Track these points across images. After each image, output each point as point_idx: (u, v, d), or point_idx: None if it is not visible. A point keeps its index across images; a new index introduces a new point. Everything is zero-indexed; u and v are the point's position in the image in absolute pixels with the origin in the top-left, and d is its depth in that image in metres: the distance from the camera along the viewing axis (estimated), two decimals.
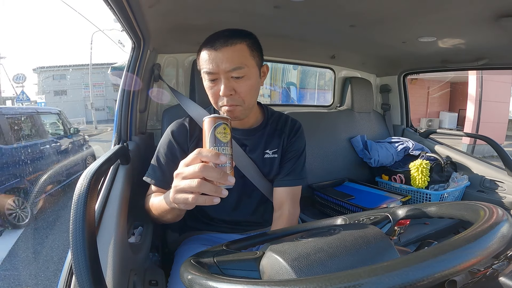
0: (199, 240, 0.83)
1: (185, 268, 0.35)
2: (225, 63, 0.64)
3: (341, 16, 0.92)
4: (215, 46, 0.64)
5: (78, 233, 0.40)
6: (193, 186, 0.43)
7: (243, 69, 0.65)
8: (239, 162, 0.77)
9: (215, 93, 0.68)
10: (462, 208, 0.39)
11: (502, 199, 1.30)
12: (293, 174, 0.80)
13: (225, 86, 0.65)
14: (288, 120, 0.84)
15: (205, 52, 0.66)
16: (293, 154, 0.82)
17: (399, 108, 1.77)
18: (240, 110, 0.69)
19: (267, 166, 0.80)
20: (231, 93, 0.66)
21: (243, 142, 0.79)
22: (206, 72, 0.66)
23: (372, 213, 0.55)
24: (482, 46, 1.11)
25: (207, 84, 0.68)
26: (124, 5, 0.66)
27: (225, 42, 0.64)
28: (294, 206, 0.79)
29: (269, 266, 0.36)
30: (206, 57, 0.65)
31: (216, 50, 0.64)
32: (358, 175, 1.56)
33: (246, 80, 0.66)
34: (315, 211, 1.33)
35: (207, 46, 0.66)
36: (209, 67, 0.65)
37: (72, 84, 21.21)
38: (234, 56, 0.64)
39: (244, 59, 0.66)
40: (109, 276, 0.47)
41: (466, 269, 0.25)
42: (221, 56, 0.64)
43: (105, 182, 0.68)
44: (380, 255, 0.36)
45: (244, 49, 0.66)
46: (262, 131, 0.80)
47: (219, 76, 0.65)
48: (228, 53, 0.64)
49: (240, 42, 0.65)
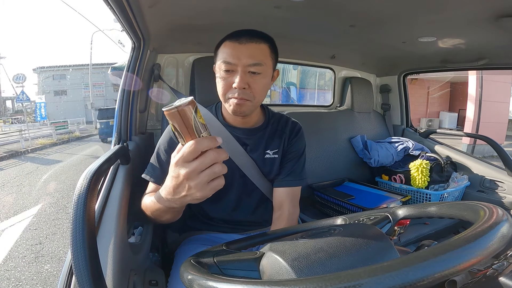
0: (199, 240, 0.83)
1: (185, 268, 0.35)
2: (247, 57, 0.66)
3: (341, 16, 0.92)
4: (240, 40, 0.67)
5: (78, 233, 0.40)
6: (217, 171, 0.42)
7: (261, 66, 0.68)
8: (240, 161, 0.78)
9: (227, 83, 0.69)
10: (462, 208, 0.39)
11: (502, 199, 1.30)
12: (293, 174, 0.81)
13: (241, 78, 0.66)
14: (288, 122, 0.85)
15: (229, 43, 0.69)
16: (293, 155, 0.82)
17: (399, 108, 1.77)
18: (248, 105, 0.70)
19: (268, 166, 0.81)
20: (245, 87, 0.67)
21: (244, 141, 0.79)
22: (224, 62, 0.68)
23: (372, 213, 0.55)
24: (482, 46, 1.11)
25: (221, 74, 0.69)
26: (124, 5, 0.66)
27: (250, 39, 0.68)
28: (294, 207, 0.79)
29: (269, 266, 0.36)
30: (228, 48, 0.68)
31: (240, 43, 0.67)
32: (358, 175, 1.56)
33: (261, 78, 0.69)
34: (315, 211, 1.33)
35: (232, 39, 0.69)
36: (230, 58, 0.67)
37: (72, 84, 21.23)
38: (256, 52, 0.68)
39: (264, 58, 0.69)
40: (109, 276, 0.47)
41: (466, 269, 0.25)
42: (245, 50, 0.67)
43: (105, 182, 0.68)
44: (380, 255, 0.36)
45: (266, 49, 0.70)
46: (263, 131, 0.81)
47: (236, 68, 0.67)
48: (251, 48, 0.67)
49: (263, 42, 0.69)
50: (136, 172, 0.80)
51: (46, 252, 2.35)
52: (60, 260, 2.21)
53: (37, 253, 2.32)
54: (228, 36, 0.70)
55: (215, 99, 0.88)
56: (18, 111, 21.48)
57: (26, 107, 13.96)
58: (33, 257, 2.27)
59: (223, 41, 0.71)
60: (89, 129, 13.15)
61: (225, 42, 0.70)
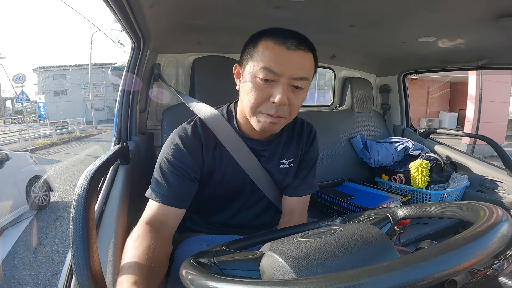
0: (199, 240, 0.83)
1: (185, 268, 0.35)
2: (296, 69, 0.55)
3: (341, 16, 0.92)
4: (287, 44, 0.55)
5: (78, 233, 0.40)
6: None
7: (307, 81, 0.58)
8: (253, 173, 0.72)
9: (263, 96, 0.57)
10: (462, 208, 0.39)
11: (502, 199, 1.30)
12: (306, 183, 0.77)
13: (283, 93, 0.55)
14: (303, 126, 0.78)
15: (273, 45, 0.55)
16: (308, 164, 0.79)
17: (399, 108, 1.77)
18: (282, 123, 0.61)
19: (282, 175, 0.76)
20: (286, 103, 0.57)
21: (260, 153, 0.72)
22: (267, 69, 0.55)
23: (372, 213, 0.55)
24: (482, 46, 1.11)
25: (257, 82, 0.57)
26: (124, 5, 0.66)
27: (298, 45, 0.56)
28: (304, 214, 0.78)
29: (269, 266, 0.36)
30: (273, 52, 0.55)
31: (289, 49, 0.55)
32: (358, 175, 1.56)
33: (302, 94, 0.59)
34: (315, 211, 1.33)
35: (277, 41, 0.55)
36: (276, 66, 0.55)
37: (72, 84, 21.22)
38: (305, 63, 0.57)
39: (310, 71, 0.59)
40: (109, 276, 0.47)
41: (466, 269, 0.25)
42: (294, 59, 0.55)
43: (105, 182, 0.68)
44: (380, 255, 0.36)
45: (312, 60, 0.59)
46: (279, 139, 0.74)
47: (278, 79, 0.56)
48: (301, 58, 0.56)
49: (310, 51, 0.58)
50: (136, 172, 0.80)
51: (46, 252, 2.35)
52: (60, 260, 2.21)
53: (37, 253, 2.32)
54: (269, 34, 0.57)
55: (215, 99, 0.88)
56: (18, 111, 21.47)
57: (26, 107, 13.96)
58: (33, 257, 2.27)
59: (261, 38, 0.57)
60: (89, 129, 13.12)
61: (267, 42, 0.56)
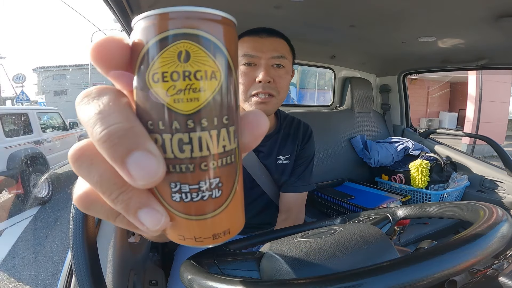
0: None
1: (185, 268, 0.35)
2: (270, 50, 0.65)
3: (341, 16, 0.92)
4: (260, 34, 0.66)
5: (78, 233, 0.40)
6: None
7: (285, 60, 0.67)
8: (253, 170, 0.75)
9: (249, 79, 0.65)
10: (462, 208, 0.39)
11: (502, 199, 1.30)
12: (302, 179, 0.79)
13: (265, 72, 0.64)
14: (300, 125, 0.83)
15: (248, 38, 0.67)
16: (304, 160, 0.80)
17: (399, 108, 1.77)
18: (274, 102, 0.67)
19: (279, 172, 0.78)
20: (270, 80, 0.65)
21: (258, 148, 0.75)
22: (245, 55, 0.65)
23: (372, 213, 0.55)
24: (482, 46, 1.11)
25: (242, 70, 0.66)
26: (124, 5, 0.66)
27: (270, 34, 0.67)
28: (301, 211, 0.79)
29: (269, 266, 0.36)
30: (248, 42, 0.66)
31: (261, 38, 0.66)
32: (358, 175, 1.56)
33: (285, 73, 0.68)
34: (315, 211, 1.33)
35: (251, 34, 0.67)
36: (251, 51, 0.65)
37: (72, 84, 21.20)
38: (279, 46, 0.67)
39: (286, 52, 0.68)
40: (109, 276, 0.47)
41: (466, 269, 0.25)
42: (267, 43, 0.65)
43: None
44: (380, 255, 0.36)
45: (285, 45, 0.69)
46: (276, 136, 0.78)
47: (259, 62, 0.65)
48: (273, 42, 0.66)
49: (282, 38, 0.69)
50: None
51: (46, 252, 2.35)
52: (60, 260, 2.21)
53: (37, 253, 2.32)
54: (245, 32, 0.68)
55: None
56: None
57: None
58: (33, 257, 2.27)
59: (240, 38, 0.68)
60: None
61: (243, 38, 0.67)
